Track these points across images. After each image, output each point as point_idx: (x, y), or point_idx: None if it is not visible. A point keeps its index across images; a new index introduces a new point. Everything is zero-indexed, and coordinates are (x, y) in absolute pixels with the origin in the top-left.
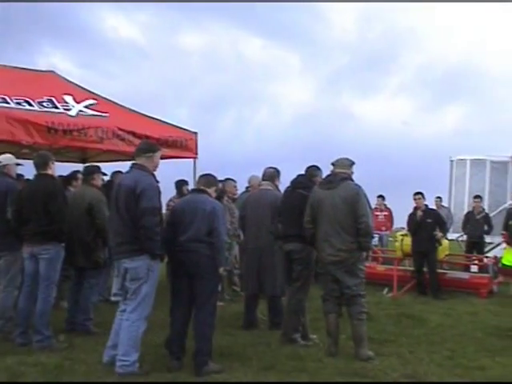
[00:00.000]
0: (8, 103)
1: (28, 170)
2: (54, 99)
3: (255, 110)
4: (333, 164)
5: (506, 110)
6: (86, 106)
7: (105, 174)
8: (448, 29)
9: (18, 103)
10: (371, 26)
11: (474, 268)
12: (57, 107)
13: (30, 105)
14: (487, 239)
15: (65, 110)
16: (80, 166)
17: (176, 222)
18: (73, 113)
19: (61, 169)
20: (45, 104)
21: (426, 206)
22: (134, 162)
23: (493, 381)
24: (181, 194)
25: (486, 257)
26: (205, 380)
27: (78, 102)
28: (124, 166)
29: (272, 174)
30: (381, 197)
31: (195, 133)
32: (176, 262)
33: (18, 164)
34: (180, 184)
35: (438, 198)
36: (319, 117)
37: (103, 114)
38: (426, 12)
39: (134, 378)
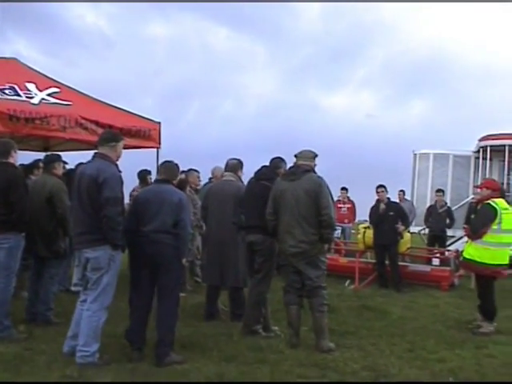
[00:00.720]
0: None
1: None
2: (16, 87)
3: (220, 101)
4: (296, 156)
5: (469, 105)
6: (49, 95)
7: (66, 163)
8: (414, 23)
9: None
10: (338, 18)
11: (436, 261)
12: (19, 95)
13: None
14: (449, 233)
15: (27, 97)
16: (42, 155)
17: (139, 212)
18: (35, 101)
19: (23, 157)
20: (7, 91)
21: (389, 199)
22: (96, 151)
23: (452, 373)
24: (144, 184)
25: (448, 250)
26: (167, 370)
27: (40, 90)
28: (87, 155)
29: (235, 165)
30: (344, 189)
31: (159, 123)
32: (139, 253)
33: None
34: (143, 174)
35: (401, 191)
36: (284, 108)
37: (66, 103)
38: (393, 5)
39: (94, 369)
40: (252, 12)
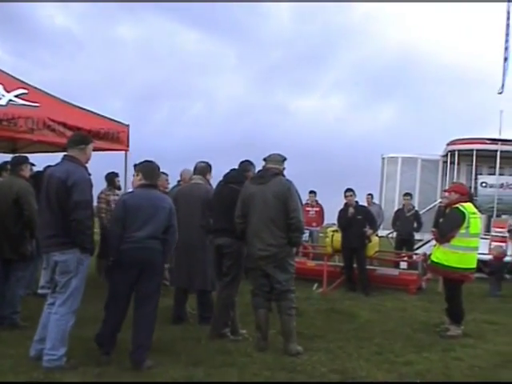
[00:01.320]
0: None
1: None
2: None
3: (189, 104)
4: (265, 159)
5: (438, 109)
6: (17, 96)
7: (33, 165)
8: (383, 27)
9: None
10: (308, 22)
11: (404, 265)
12: None
13: None
14: (417, 236)
15: None
16: (10, 157)
17: (129, 218)
18: (3, 102)
19: None
20: None
21: (357, 202)
22: (65, 153)
23: (419, 376)
24: (112, 187)
25: (416, 254)
26: (134, 375)
27: (8, 92)
28: (55, 157)
29: (203, 168)
30: (312, 192)
31: (127, 125)
32: (126, 258)
33: None
34: (111, 176)
35: (369, 194)
36: (254, 112)
37: (34, 104)
38: (362, 10)
39: (61, 372)
40: (223, 15)
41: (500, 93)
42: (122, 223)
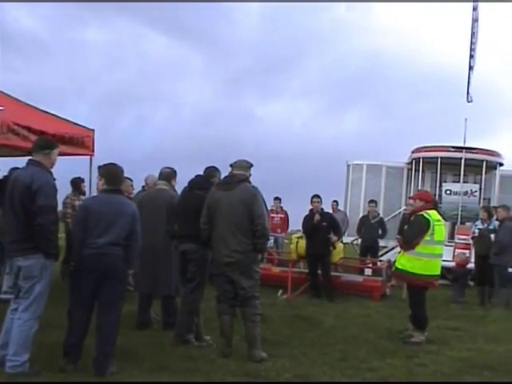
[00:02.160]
0: None
1: None
2: None
3: (155, 109)
4: (231, 165)
5: (404, 116)
6: None
7: None
8: (350, 34)
9: None
10: (276, 28)
11: (368, 271)
12: None
13: None
14: (381, 243)
15: None
16: None
17: (91, 224)
18: None
19: None
20: None
21: (322, 209)
22: (30, 158)
23: (383, 381)
24: (77, 192)
25: (380, 260)
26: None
27: None
28: (18, 161)
29: (168, 174)
30: (277, 199)
31: (92, 130)
32: (88, 265)
33: None
34: (76, 182)
35: (335, 201)
36: (220, 117)
37: None
38: (329, 17)
39: (24, 379)
40: (191, 21)
41: (470, 101)
42: (83, 228)
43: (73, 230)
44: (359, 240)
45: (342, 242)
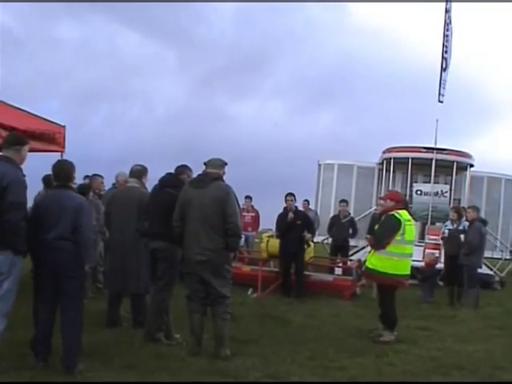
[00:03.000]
0: None
1: None
2: None
3: (128, 106)
4: (205, 164)
5: (376, 116)
6: None
7: None
8: (324, 34)
9: None
10: (249, 27)
11: (339, 271)
12: None
13: None
14: (352, 243)
15: None
16: None
17: (40, 219)
18: None
19: None
20: None
21: (296, 207)
22: (0, 154)
23: (352, 381)
24: (49, 189)
25: (350, 260)
26: (67, 380)
27: None
28: None
29: (139, 172)
30: (248, 198)
31: (63, 126)
32: (41, 261)
33: None
34: (48, 179)
35: (306, 200)
36: (193, 116)
37: None
38: (303, 17)
39: None
40: (165, 18)
41: (441, 101)
42: (34, 225)
43: (25, 228)
44: (330, 239)
45: (312, 241)
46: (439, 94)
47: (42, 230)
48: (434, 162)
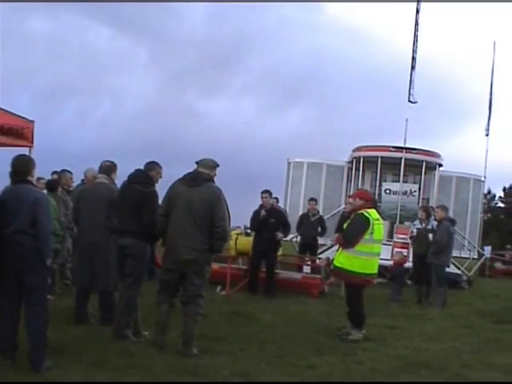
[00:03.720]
0: None
1: None
2: None
3: (98, 102)
4: (197, 163)
5: (346, 115)
6: None
7: None
8: (295, 34)
9: None
10: (221, 24)
11: (307, 269)
12: None
13: None
14: (320, 241)
15: None
16: None
17: (0, 215)
18: None
19: None
20: None
21: (272, 205)
22: None
23: (321, 379)
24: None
25: (319, 258)
26: (33, 377)
27: None
28: None
29: (108, 168)
30: None
31: (32, 121)
32: (2, 256)
33: None
34: None
35: (275, 198)
36: (163, 112)
37: None
38: (276, 15)
39: None
40: (136, 14)
41: (412, 102)
42: None
43: None
44: (298, 237)
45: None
46: (409, 93)
47: (1, 225)
48: (403, 161)
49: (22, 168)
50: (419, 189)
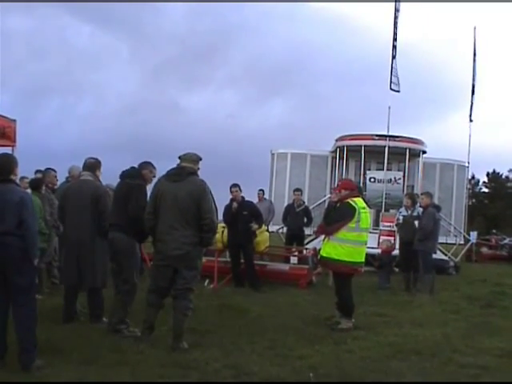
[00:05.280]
0: None
1: None
2: None
3: (79, 99)
4: (180, 157)
5: (328, 105)
6: None
7: None
8: (276, 26)
9: None
10: (202, 19)
11: (294, 259)
12: None
13: None
14: (307, 231)
15: None
16: None
17: None
18: None
19: None
20: None
21: (243, 198)
22: None
23: (313, 369)
24: None
25: (306, 248)
26: (24, 377)
27: None
28: None
29: (93, 165)
30: None
31: (14, 120)
32: None
33: None
34: None
35: (261, 190)
36: (145, 107)
37: None
38: (257, 7)
39: None
40: (116, 9)
41: (394, 90)
42: None
43: None
44: (285, 228)
45: (267, 230)
46: (391, 81)
47: None
48: (386, 149)
49: (4, 167)
50: (404, 176)
